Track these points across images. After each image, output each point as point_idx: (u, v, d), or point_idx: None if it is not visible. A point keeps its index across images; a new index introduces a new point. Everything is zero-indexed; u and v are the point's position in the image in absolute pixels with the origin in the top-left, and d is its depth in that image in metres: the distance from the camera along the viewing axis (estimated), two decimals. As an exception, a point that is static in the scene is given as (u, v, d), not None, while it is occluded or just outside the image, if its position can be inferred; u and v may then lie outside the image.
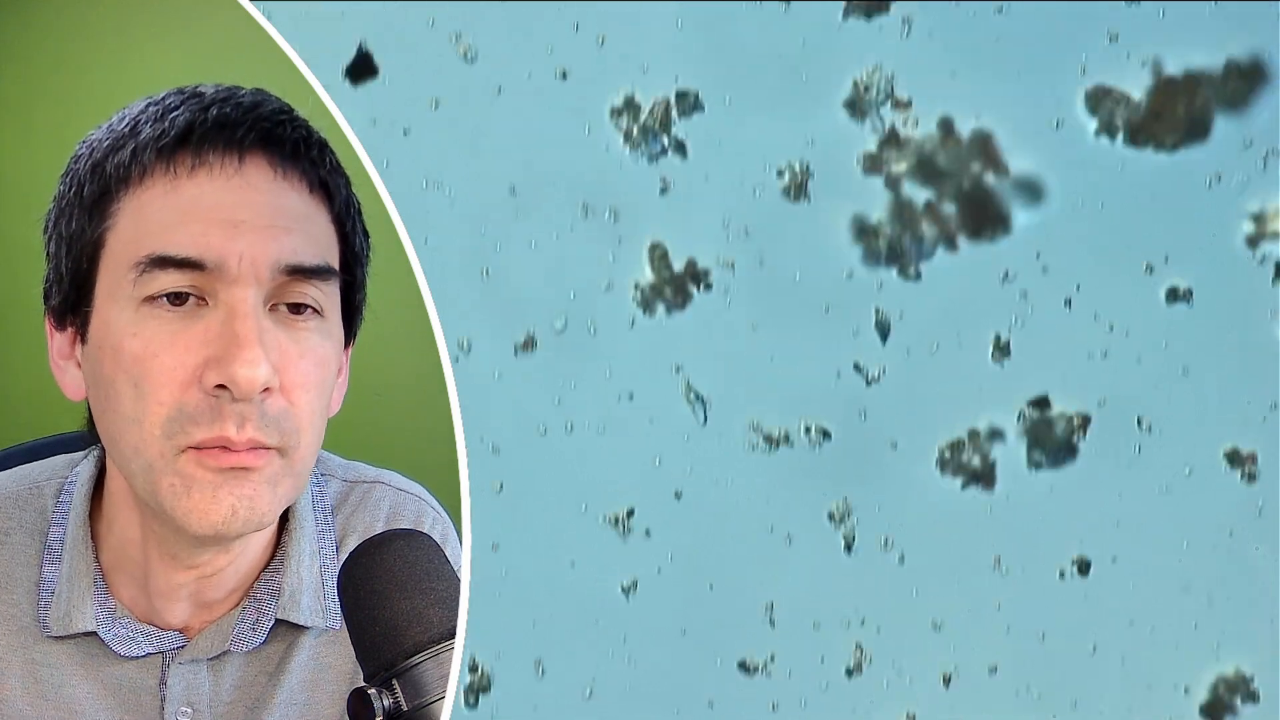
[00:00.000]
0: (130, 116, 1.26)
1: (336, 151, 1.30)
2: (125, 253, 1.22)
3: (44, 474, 1.40)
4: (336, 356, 1.27)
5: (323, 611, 1.36)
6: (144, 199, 1.22)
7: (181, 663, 1.32)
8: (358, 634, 1.13)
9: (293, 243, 1.22)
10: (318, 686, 1.36)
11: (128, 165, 1.23)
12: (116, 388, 1.21)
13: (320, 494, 1.42)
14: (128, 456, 1.22)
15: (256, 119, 1.24)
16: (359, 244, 1.31)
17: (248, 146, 1.23)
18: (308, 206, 1.25)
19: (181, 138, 1.22)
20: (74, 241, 1.26)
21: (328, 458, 1.45)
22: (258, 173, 1.23)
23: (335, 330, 1.27)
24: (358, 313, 1.32)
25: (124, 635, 1.32)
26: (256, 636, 1.33)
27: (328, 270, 1.25)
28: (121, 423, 1.22)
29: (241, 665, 1.34)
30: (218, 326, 1.20)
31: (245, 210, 1.21)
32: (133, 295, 1.21)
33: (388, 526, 1.42)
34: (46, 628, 1.32)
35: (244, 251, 1.20)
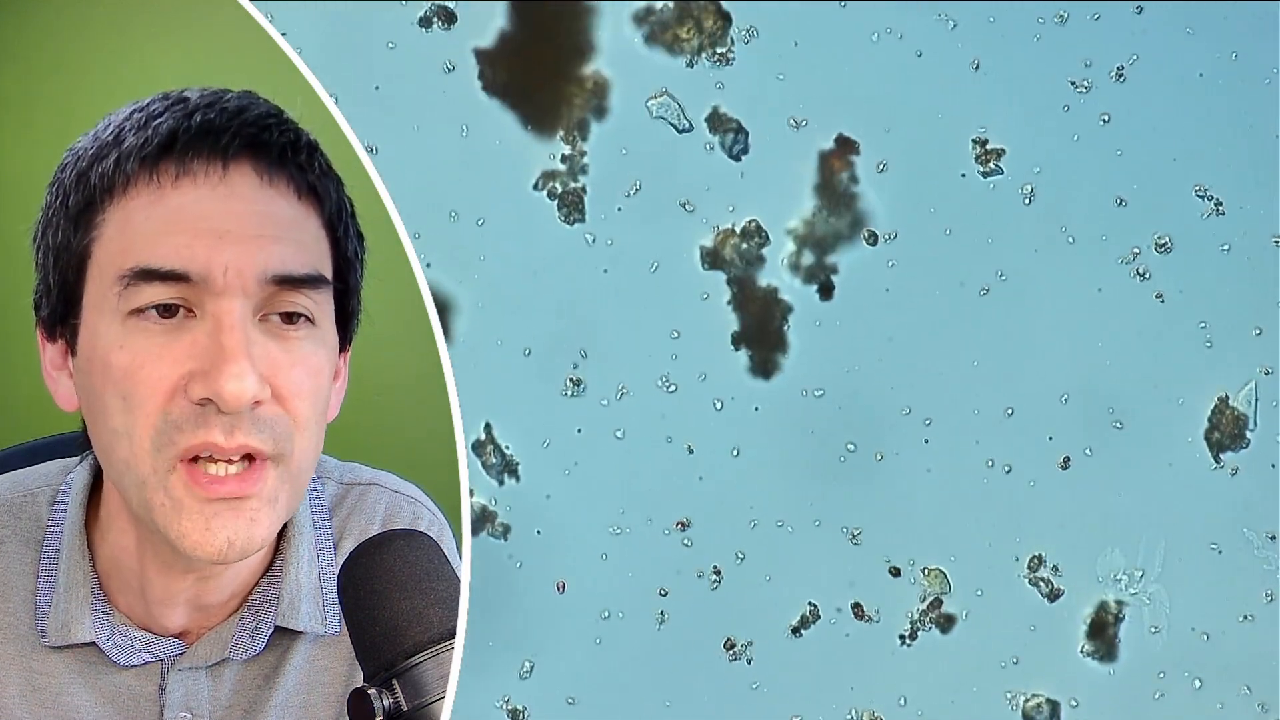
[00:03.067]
0: (115, 124, 1.23)
1: (333, 151, 1.27)
2: (111, 265, 1.20)
3: (38, 481, 1.37)
4: (331, 363, 1.25)
5: (321, 617, 1.34)
6: (129, 209, 1.20)
7: (181, 669, 1.30)
8: (358, 634, 1.12)
9: (281, 252, 1.20)
10: (314, 689, 1.34)
11: (111, 175, 1.20)
12: (105, 401, 1.19)
13: (317, 497, 1.40)
14: (120, 470, 1.21)
15: (242, 124, 1.21)
16: (352, 248, 1.28)
17: (233, 153, 1.20)
18: (296, 213, 1.23)
19: (165, 146, 1.19)
20: (61, 253, 1.23)
21: (324, 460, 1.42)
22: (244, 180, 1.21)
23: (329, 338, 1.24)
24: (353, 317, 1.30)
25: (123, 644, 1.30)
26: (256, 644, 1.31)
27: (318, 279, 1.22)
28: (112, 436, 1.20)
29: (239, 669, 1.32)
30: (204, 339, 1.18)
31: (231, 220, 1.19)
32: (119, 308, 1.19)
33: (384, 528, 1.39)
34: (44, 637, 1.30)
35: (229, 263, 1.18)
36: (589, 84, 1.65)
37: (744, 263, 1.65)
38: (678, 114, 1.65)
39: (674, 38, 1.64)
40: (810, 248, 1.65)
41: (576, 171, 1.64)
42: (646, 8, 1.64)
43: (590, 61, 1.65)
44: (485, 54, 1.64)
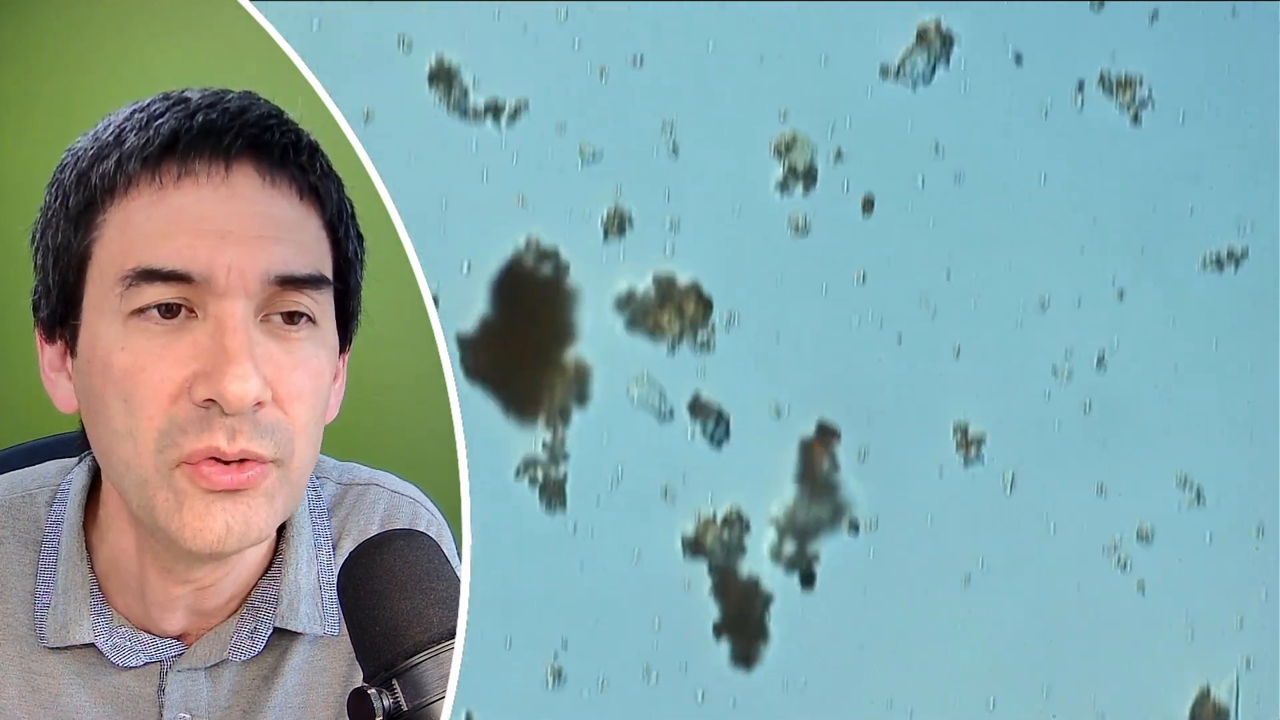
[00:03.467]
0: (115, 124, 1.24)
1: (333, 153, 1.30)
2: (112, 266, 1.21)
3: (36, 481, 1.39)
4: (331, 365, 1.26)
5: (321, 618, 1.36)
6: (130, 210, 1.21)
7: (180, 670, 1.32)
8: (357, 634, 1.13)
9: (283, 252, 1.21)
10: (313, 690, 1.36)
11: (113, 175, 1.21)
12: (106, 403, 1.20)
13: (316, 498, 1.42)
14: (120, 471, 1.21)
15: (244, 125, 1.22)
16: (352, 249, 1.29)
17: (235, 154, 1.21)
18: (298, 214, 1.24)
19: (167, 146, 1.20)
20: (60, 254, 1.24)
21: (322, 460, 1.44)
22: (245, 181, 1.21)
23: (330, 338, 1.26)
24: (353, 318, 1.31)
25: (121, 645, 1.31)
26: (254, 646, 1.33)
27: (320, 279, 1.23)
28: (113, 438, 1.20)
29: (238, 670, 1.33)
30: (206, 340, 1.18)
31: (233, 220, 1.20)
32: (120, 309, 1.19)
33: (383, 528, 1.40)
34: (43, 638, 1.31)
35: (232, 263, 1.19)
36: (570, 370, 1.65)
37: (725, 551, 1.65)
38: (659, 400, 1.65)
39: (655, 324, 1.64)
40: (792, 536, 1.65)
41: (559, 459, 1.64)
42: (628, 293, 1.64)
43: (571, 347, 1.65)
44: (467, 340, 1.64)
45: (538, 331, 1.63)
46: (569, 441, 1.63)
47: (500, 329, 1.63)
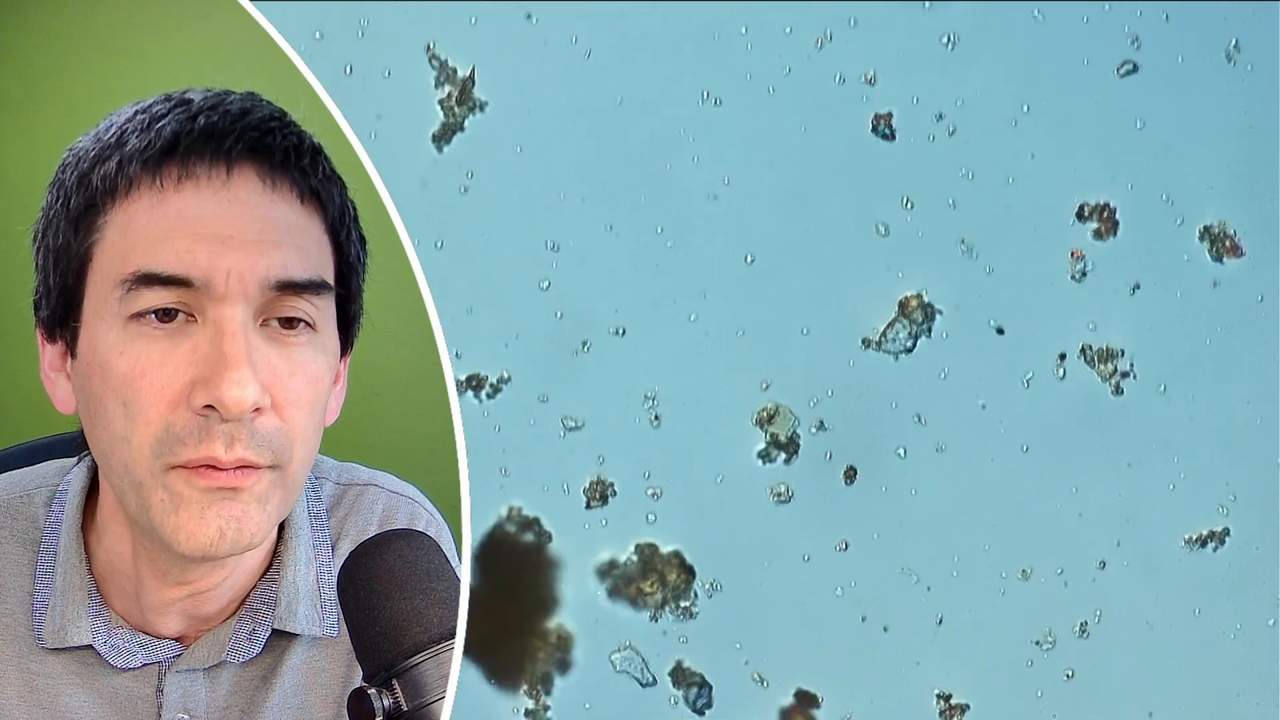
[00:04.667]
0: (117, 125, 1.22)
1: (334, 154, 1.26)
2: (112, 268, 1.18)
3: (34, 482, 1.38)
4: (331, 370, 1.23)
5: (319, 620, 1.32)
6: (130, 212, 1.18)
7: (178, 671, 1.31)
8: (358, 634, 1.13)
9: (283, 257, 1.18)
10: (311, 691, 1.35)
11: (113, 177, 1.19)
12: (105, 406, 1.19)
13: (315, 498, 1.38)
14: (118, 474, 1.21)
15: (245, 128, 1.19)
16: (354, 253, 1.26)
17: (236, 157, 1.19)
18: (299, 218, 1.21)
19: (168, 149, 1.18)
20: (61, 255, 1.22)
21: (321, 460, 1.42)
22: (246, 184, 1.19)
23: (330, 343, 1.23)
24: (354, 322, 1.28)
25: (119, 647, 1.30)
26: (253, 647, 1.32)
27: (320, 284, 1.21)
28: (111, 440, 1.20)
29: (237, 671, 1.32)
30: (205, 345, 1.16)
31: (233, 225, 1.17)
32: (119, 313, 1.17)
33: (381, 529, 1.38)
34: (41, 639, 1.30)
35: (231, 268, 1.16)
36: (553, 637, 1.66)
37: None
38: (641, 668, 1.66)
39: (637, 591, 1.65)
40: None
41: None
42: (610, 561, 1.65)
43: (554, 615, 1.66)
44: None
45: (520, 600, 1.64)
46: (552, 710, 1.64)
47: (483, 598, 1.64)
